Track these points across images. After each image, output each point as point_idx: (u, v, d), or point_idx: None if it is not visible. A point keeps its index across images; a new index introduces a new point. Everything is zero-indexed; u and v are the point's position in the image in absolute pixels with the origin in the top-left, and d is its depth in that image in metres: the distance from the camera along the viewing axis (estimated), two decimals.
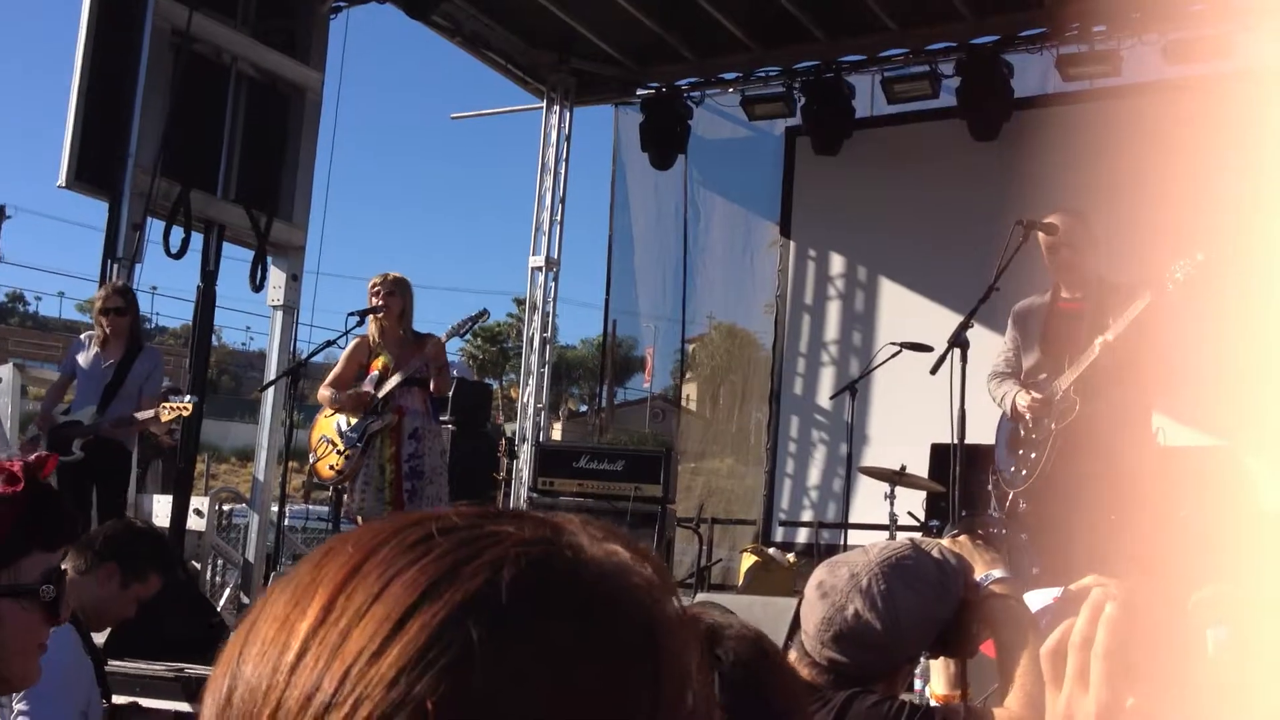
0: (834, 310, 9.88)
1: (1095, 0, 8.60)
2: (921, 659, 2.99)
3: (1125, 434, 5.16)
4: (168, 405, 6.43)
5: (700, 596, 6.39)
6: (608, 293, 10.97)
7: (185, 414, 6.43)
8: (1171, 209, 8.26)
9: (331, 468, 6.44)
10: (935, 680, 3.97)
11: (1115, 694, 1.04)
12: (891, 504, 6.82)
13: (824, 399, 9.43)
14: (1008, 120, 9.04)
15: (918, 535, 6.06)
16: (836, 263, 9.93)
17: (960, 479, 5.45)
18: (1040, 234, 5.29)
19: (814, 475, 9.58)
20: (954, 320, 5.34)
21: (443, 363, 6.52)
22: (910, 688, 4.03)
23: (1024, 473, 5.31)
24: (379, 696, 0.53)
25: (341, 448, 6.39)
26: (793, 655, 2.27)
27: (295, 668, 0.55)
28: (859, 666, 2.18)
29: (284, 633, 0.57)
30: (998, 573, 2.47)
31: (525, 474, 9.32)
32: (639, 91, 10.57)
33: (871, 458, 7.08)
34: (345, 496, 6.69)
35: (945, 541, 2.56)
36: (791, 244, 10.11)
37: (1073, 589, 1.10)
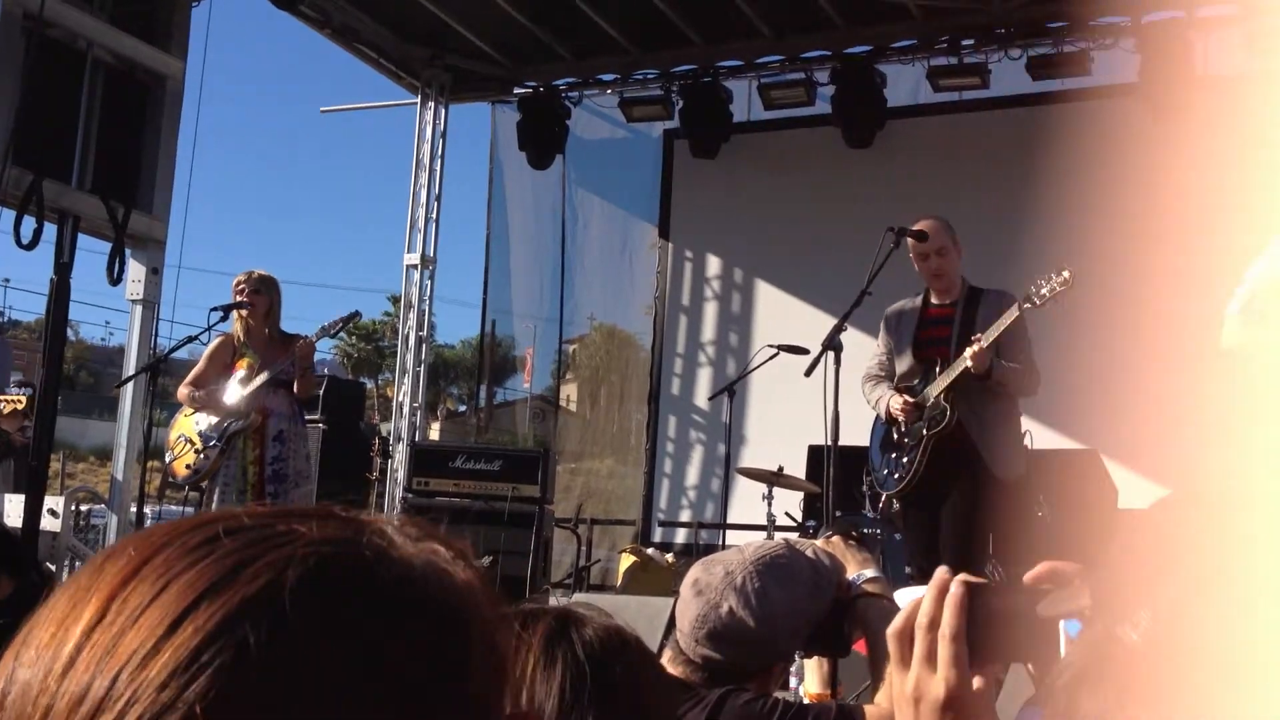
0: (712, 312, 9.97)
1: (963, 15, 8.85)
2: (796, 657, 3.03)
3: (994, 438, 5.28)
4: (2, 398, 6.21)
5: (578, 596, 6.39)
6: (485, 292, 10.90)
7: (19, 406, 6.20)
8: (1038, 218, 8.55)
9: (188, 466, 6.29)
10: (809, 679, 4.04)
11: (963, 675, 1.06)
12: (769, 504, 6.91)
13: (702, 400, 9.52)
14: (881, 129, 9.23)
15: (794, 535, 6.16)
16: (714, 265, 10.03)
17: (835, 480, 5.56)
18: (911, 240, 5.42)
19: (693, 476, 9.66)
20: (830, 323, 5.43)
21: (309, 364, 6.39)
22: (785, 685, 4.09)
23: (896, 475, 5.42)
24: (149, 699, 0.52)
25: (199, 447, 6.26)
26: (667, 654, 2.28)
27: (68, 670, 0.54)
28: (733, 664, 2.20)
29: (59, 635, 0.56)
30: (870, 572, 2.51)
31: (400, 474, 9.21)
32: (516, 90, 10.52)
33: (749, 459, 7.16)
34: (205, 497, 6.56)
35: (819, 542, 2.61)
36: (670, 246, 10.18)
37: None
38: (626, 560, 7.42)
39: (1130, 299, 8.29)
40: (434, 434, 27.13)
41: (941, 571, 1.11)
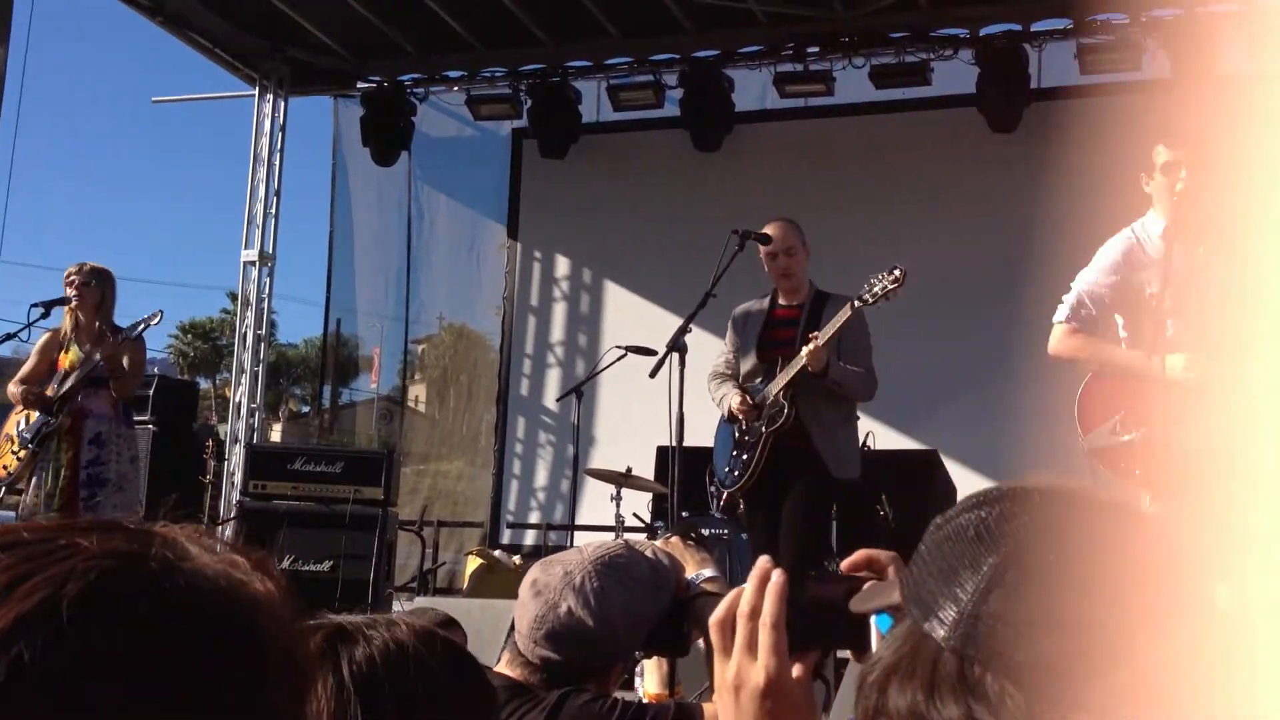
0: (560, 312, 9.93)
1: (808, 23, 9.00)
2: (637, 657, 3.03)
3: (831, 438, 5.35)
4: None
5: (420, 600, 6.28)
6: (329, 290, 10.68)
7: None
8: (880, 224, 8.75)
9: (5, 468, 6.09)
10: (648, 678, 4.03)
11: (783, 662, 1.08)
12: (618, 505, 6.90)
13: (551, 401, 9.47)
14: (729, 133, 9.33)
15: (641, 537, 6.15)
16: (563, 265, 9.99)
17: (682, 480, 5.57)
18: (758, 243, 5.47)
19: (541, 477, 9.60)
20: (677, 324, 5.45)
21: (115, 364, 6.11)
22: (630, 685, 4.07)
23: (737, 473, 5.46)
24: None
25: (16, 447, 6.05)
26: (506, 656, 2.28)
27: None
28: (571, 664, 2.19)
29: None
30: (708, 572, 2.52)
31: (237, 477, 8.92)
32: (360, 85, 10.31)
33: (599, 460, 7.14)
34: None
35: (658, 543, 2.61)
36: (519, 246, 10.10)
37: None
38: (473, 563, 7.32)
39: (969, 303, 8.55)
40: (275, 436, 26.48)
41: (763, 561, 1.13)
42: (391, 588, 7.48)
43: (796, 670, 1.09)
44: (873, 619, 1.06)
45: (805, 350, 5.17)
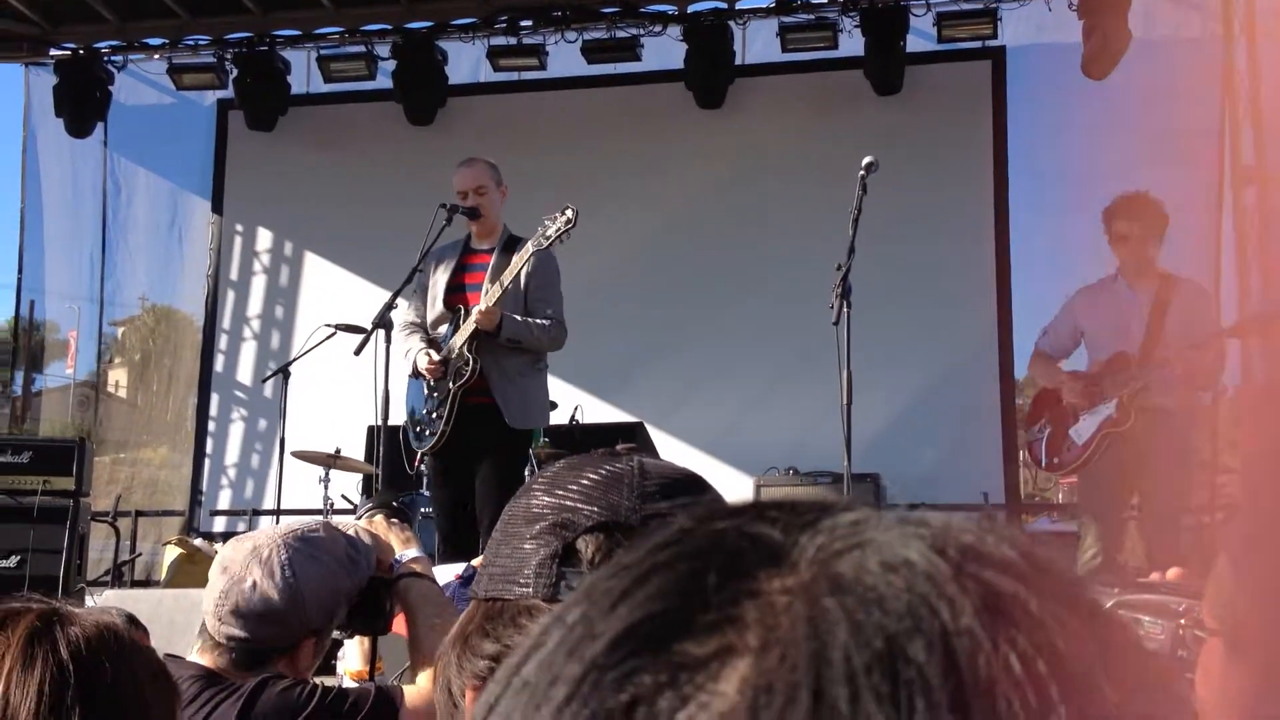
0: (266, 289, 9.59)
1: None
2: (340, 636, 2.99)
3: (513, 389, 5.25)
4: None
5: (109, 595, 5.97)
6: (20, 271, 10.01)
7: None
8: (592, 199, 8.81)
9: None
10: (350, 657, 3.98)
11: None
12: (326, 488, 6.76)
13: (256, 381, 9.13)
14: (443, 106, 9.22)
15: (349, 519, 6.04)
16: (267, 239, 9.63)
17: (387, 459, 5.49)
18: (466, 217, 5.41)
19: (246, 460, 9.27)
20: (386, 299, 5.36)
21: None
22: (332, 670, 4.01)
23: (429, 433, 5.34)
24: None
25: None
26: (197, 644, 2.20)
27: None
28: (260, 641, 2.14)
29: None
30: (413, 552, 2.52)
31: None
32: (53, 52, 9.69)
33: (306, 441, 6.95)
34: None
35: (361, 522, 2.58)
36: (223, 221, 9.70)
37: None
38: (172, 553, 7.03)
39: (675, 275, 8.77)
40: None
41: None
42: (84, 582, 7.09)
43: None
44: None
45: (475, 310, 5.14)
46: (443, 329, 5.40)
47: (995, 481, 7.93)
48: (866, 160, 4.64)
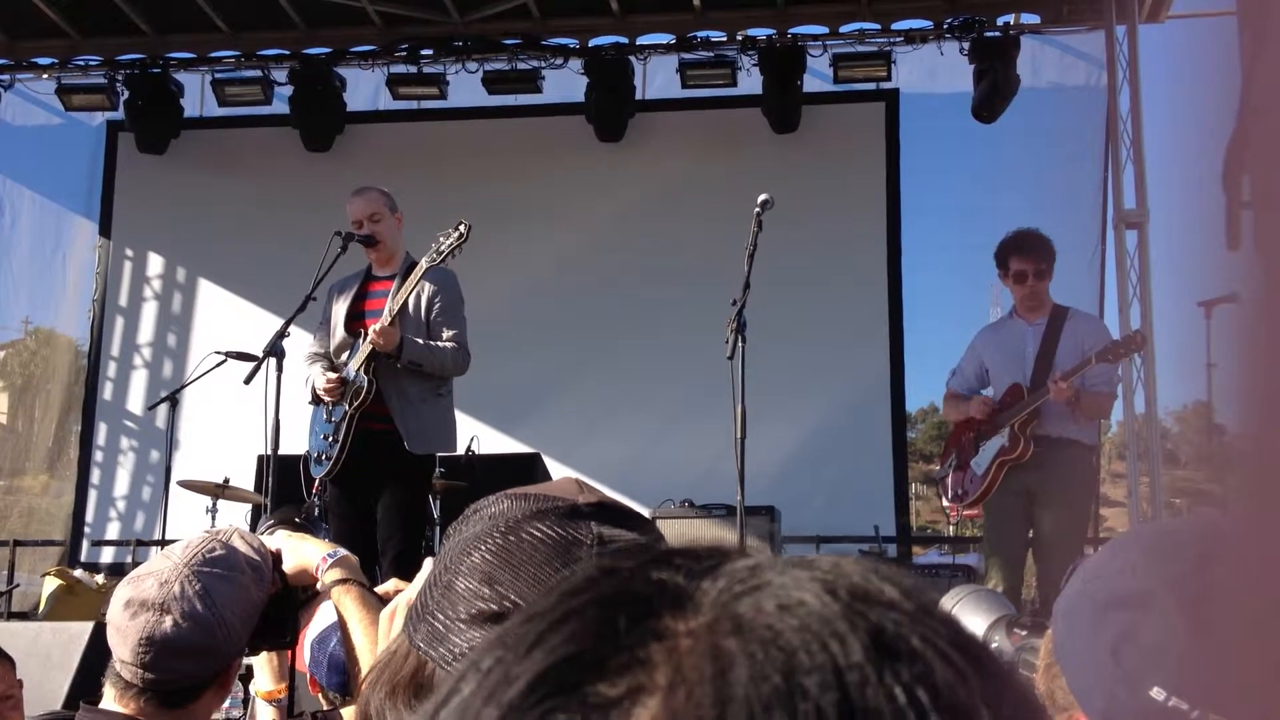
0: (155, 315, 9.36)
1: (422, 25, 8.97)
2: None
3: (415, 412, 5.22)
4: None
5: None
6: None
7: None
8: (488, 229, 8.80)
9: None
10: (260, 676, 3.86)
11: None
12: (213, 518, 6.62)
13: (142, 409, 8.90)
14: (340, 132, 9.14)
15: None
16: (159, 266, 9.42)
17: (278, 490, 5.39)
18: (362, 245, 5.37)
19: (130, 490, 9.01)
20: (278, 327, 5.28)
21: None
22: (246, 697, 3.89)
23: (327, 457, 5.27)
24: None
25: None
26: (112, 691, 2.07)
27: None
28: (192, 677, 2.04)
29: None
30: (340, 551, 2.44)
31: None
32: None
33: (195, 470, 6.80)
34: None
35: (263, 536, 2.50)
36: (111, 245, 9.47)
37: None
38: (50, 584, 6.80)
39: (572, 306, 8.78)
40: None
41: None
42: None
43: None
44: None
45: (373, 329, 5.10)
46: (344, 357, 5.35)
47: (887, 515, 8.05)
48: (762, 198, 4.72)
